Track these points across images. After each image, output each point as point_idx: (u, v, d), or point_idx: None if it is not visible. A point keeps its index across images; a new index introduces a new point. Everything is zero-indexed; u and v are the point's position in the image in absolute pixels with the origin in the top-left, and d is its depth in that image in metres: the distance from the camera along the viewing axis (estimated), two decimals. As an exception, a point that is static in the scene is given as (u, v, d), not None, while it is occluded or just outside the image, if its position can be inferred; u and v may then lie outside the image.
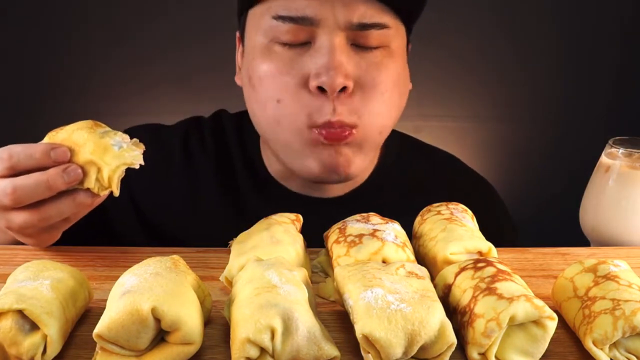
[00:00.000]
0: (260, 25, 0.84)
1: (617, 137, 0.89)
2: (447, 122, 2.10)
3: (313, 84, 0.81)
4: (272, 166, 0.98)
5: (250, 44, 0.87)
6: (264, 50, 0.85)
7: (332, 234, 0.70)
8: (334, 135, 0.83)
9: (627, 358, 0.56)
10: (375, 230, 0.67)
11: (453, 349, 0.54)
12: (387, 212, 0.75)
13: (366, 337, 0.52)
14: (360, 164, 0.88)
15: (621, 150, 0.87)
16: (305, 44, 0.83)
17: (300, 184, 0.97)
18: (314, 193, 0.97)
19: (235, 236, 0.72)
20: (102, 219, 0.94)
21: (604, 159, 0.89)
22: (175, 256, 0.61)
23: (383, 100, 0.86)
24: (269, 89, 0.85)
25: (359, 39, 0.83)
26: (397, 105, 0.89)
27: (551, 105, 2.15)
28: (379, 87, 0.85)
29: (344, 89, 0.82)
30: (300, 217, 0.76)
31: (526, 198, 1.90)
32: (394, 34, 0.86)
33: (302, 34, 0.82)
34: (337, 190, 0.98)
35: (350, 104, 0.83)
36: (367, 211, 0.75)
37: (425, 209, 0.77)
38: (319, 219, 0.77)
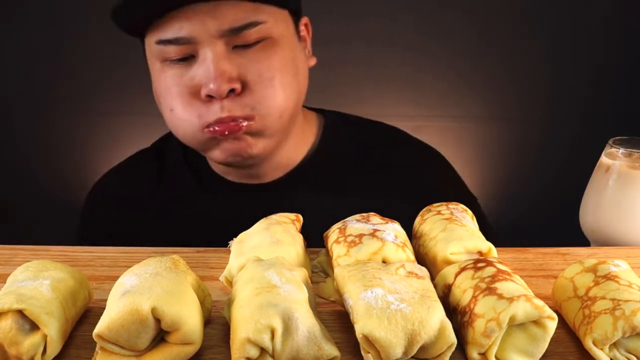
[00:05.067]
0: (152, 50, 0.94)
1: (617, 137, 0.89)
2: (447, 122, 2.10)
3: (203, 93, 0.90)
4: (214, 165, 1.05)
5: (151, 66, 0.97)
6: (159, 69, 0.94)
7: (332, 234, 0.70)
8: (227, 128, 0.91)
9: (627, 358, 0.56)
10: (375, 230, 0.67)
11: (453, 349, 0.54)
12: (328, 193, 0.79)
13: (366, 337, 0.52)
14: (265, 146, 0.96)
15: (621, 150, 0.87)
16: (192, 57, 0.91)
17: (239, 175, 1.04)
18: (252, 180, 1.03)
19: (236, 236, 0.72)
20: None
21: (604, 159, 0.89)
22: (175, 256, 0.61)
23: (273, 87, 0.92)
24: (164, 101, 0.95)
25: (238, 41, 0.90)
26: (292, 87, 0.94)
27: (552, 105, 2.15)
28: (265, 77, 0.91)
29: (232, 91, 0.89)
30: (300, 217, 0.77)
31: (526, 198, 1.90)
32: (273, 24, 0.92)
33: (185, 51, 0.90)
34: (273, 175, 1.03)
35: (241, 100, 0.90)
36: (307, 194, 0.78)
37: (425, 209, 0.77)
38: (259, 204, 0.86)
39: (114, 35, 0.95)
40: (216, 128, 0.91)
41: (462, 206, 0.77)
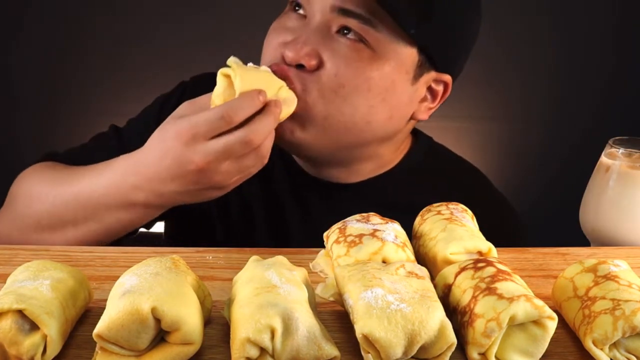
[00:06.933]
0: None
1: (617, 137, 0.89)
2: (446, 122, 2.10)
3: (281, 50, 0.86)
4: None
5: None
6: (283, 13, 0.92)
7: (332, 234, 0.70)
8: (278, 68, 0.84)
9: (627, 358, 0.56)
10: (375, 230, 0.67)
11: (453, 349, 0.54)
12: (396, 209, 0.76)
13: (366, 337, 0.52)
14: (300, 136, 0.88)
15: (621, 150, 0.87)
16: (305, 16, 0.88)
17: (309, 167, 0.99)
18: (324, 176, 0.98)
19: None
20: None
21: (604, 159, 0.89)
22: (175, 256, 0.61)
23: (336, 89, 0.85)
24: (266, 44, 0.91)
25: (343, 25, 0.85)
26: (356, 107, 0.87)
27: (551, 106, 2.15)
28: (336, 77, 0.85)
29: (302, 67, 0.85)
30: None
31: (526, 198, 1.90)
32: (383, 40, 0.85)
33: (302, 6, 0.88)
34: (350, 177, 0.98)
35: (307, 76, 0.85)
36: (374, 202, 0.75)
37: (425, 209, 0.77)
38: (328, 202, 0.85)
39: (114, 36, 0.95)
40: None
41: (462, 206, 0.77)
